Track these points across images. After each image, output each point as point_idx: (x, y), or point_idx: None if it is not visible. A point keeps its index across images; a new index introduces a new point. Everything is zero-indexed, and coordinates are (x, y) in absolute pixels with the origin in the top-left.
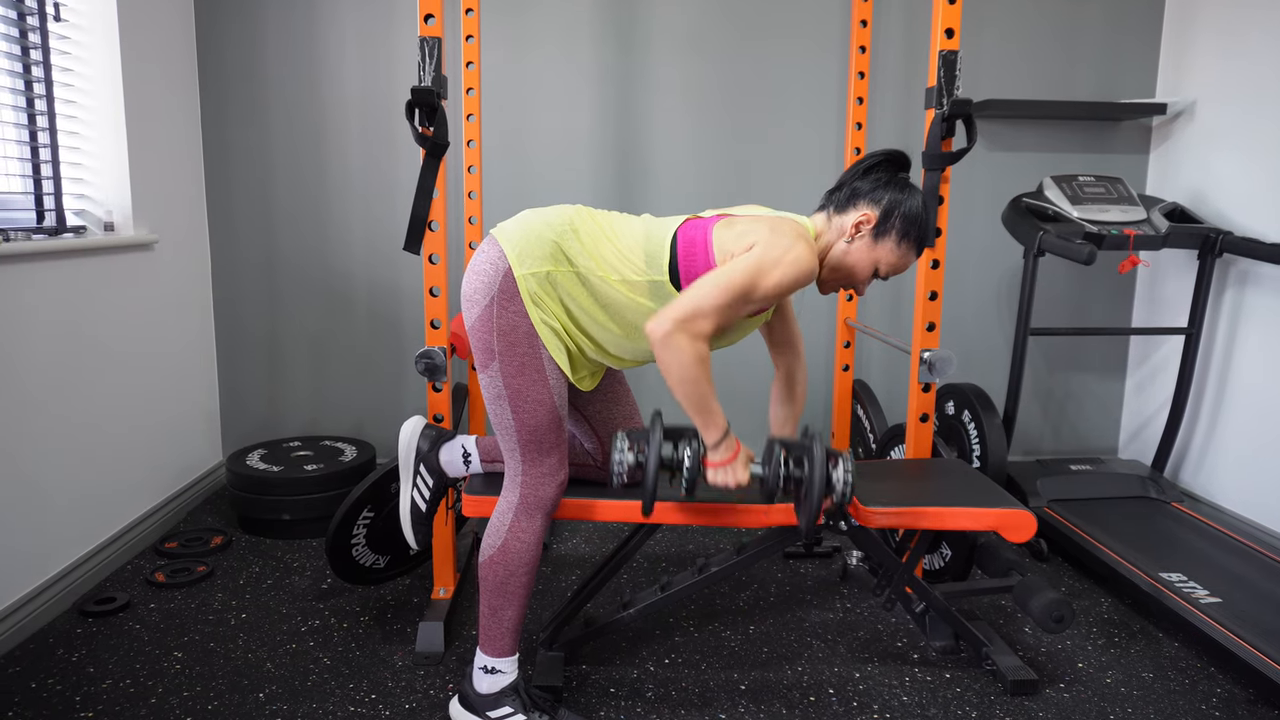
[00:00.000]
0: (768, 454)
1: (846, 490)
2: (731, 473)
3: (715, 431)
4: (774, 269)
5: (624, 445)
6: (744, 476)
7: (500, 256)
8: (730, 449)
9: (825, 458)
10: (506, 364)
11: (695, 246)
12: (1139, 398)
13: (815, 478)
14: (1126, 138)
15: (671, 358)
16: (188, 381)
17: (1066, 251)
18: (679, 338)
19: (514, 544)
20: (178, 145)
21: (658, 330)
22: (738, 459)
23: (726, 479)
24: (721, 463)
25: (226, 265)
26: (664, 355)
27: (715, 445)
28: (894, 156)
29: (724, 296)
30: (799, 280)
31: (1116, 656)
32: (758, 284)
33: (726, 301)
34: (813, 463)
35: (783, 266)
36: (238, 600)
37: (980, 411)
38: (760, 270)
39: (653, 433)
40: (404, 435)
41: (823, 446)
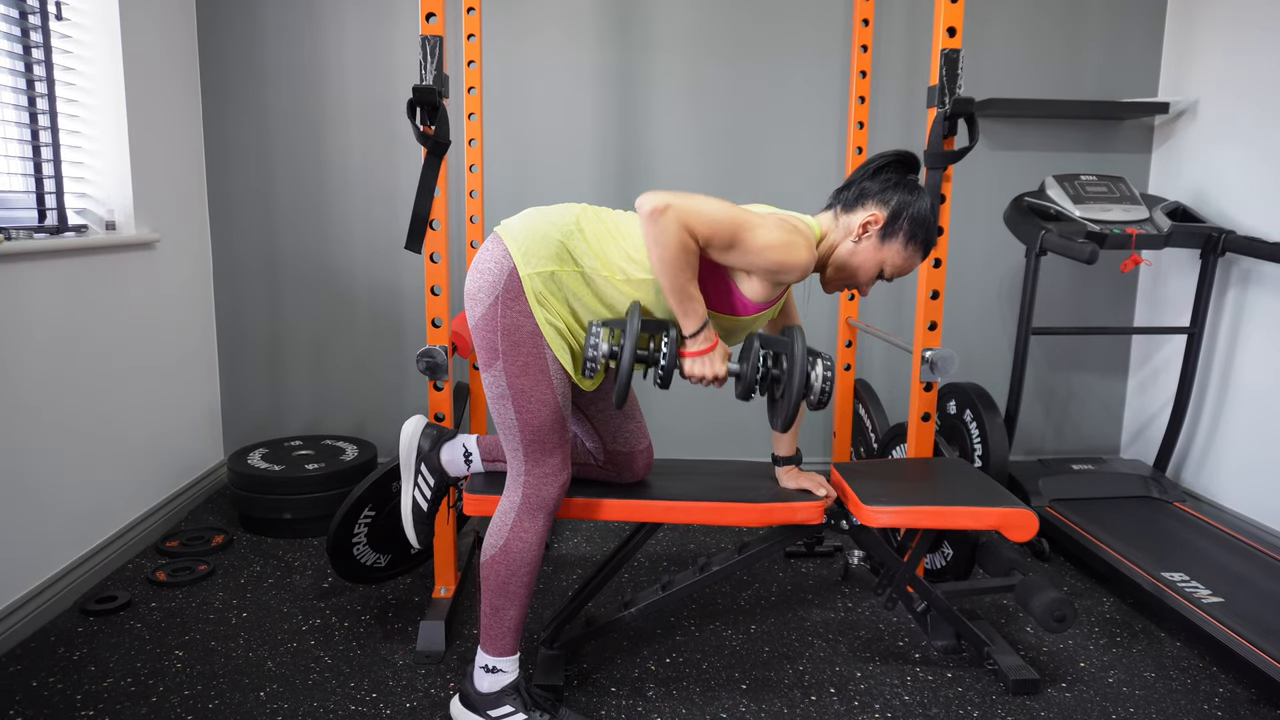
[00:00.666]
0: (746, 350)
1: (826, 388)
2: (709, 364)
3: (694, 320)
4: (767, 233)
5: (599, 334)
6: (721, 369)
7: (505, 255)
8: (709, 339)
9: (805, 355)
10: (510, 363)
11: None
12: (1141, 397)
13: (795, 375)
14: (1129, 137)
15: (660, 235)
16: (189, 380)
17: (1068, 251)
18: (670, 220)
19: (516, 544)
20: (179, 144)
21: (651, 203)
22: (716, 350)
23: (704, 370)
24: (699, 353)
25: (228, 264)
26: (652, 230)
27: (693, 334)
28: (904, 158)
29: (722, 217)
30: (785, 262)
31: (1118, 656)
32: (750, 234)
33: (722, 222)
34: (792, 360)
35: (776, 239)
36: (239, 599)
37: (982, 411)
38: (757, 225)
39: (630, 320)
40: (405, 434)
41: (804, 344)
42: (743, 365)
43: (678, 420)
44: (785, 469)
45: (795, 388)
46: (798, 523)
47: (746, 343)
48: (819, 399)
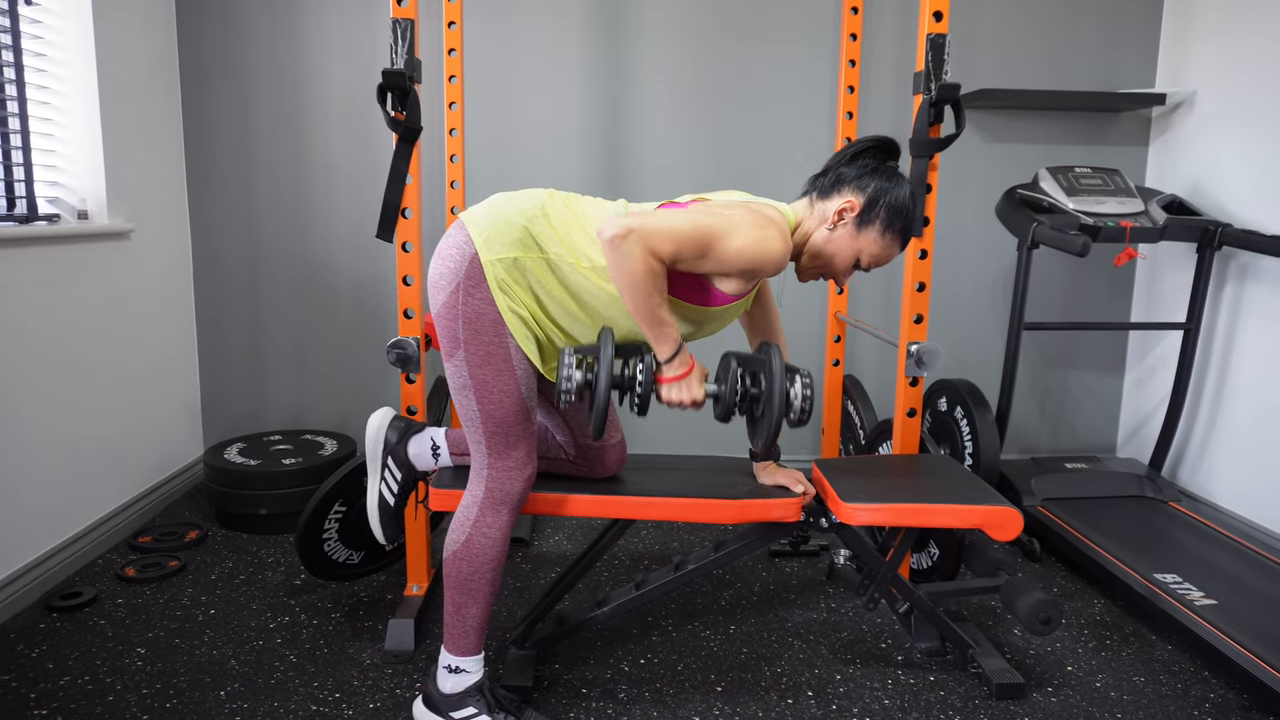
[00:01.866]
0: (723, 370)
1: (806, 407)
2: (686, 389)
3: (668, 345)
4: (737, 237)
5: (571, 362)
6: (699, 393)
7: (467, 241)
8: (684, 364)
9: (784, 372)
10: (472, 353)
11: None
12: (1138, 394)
13: (774, 393)
14: (1125, 129)
15: (623, 262)
16: (168, 374)
17: (1060, 243)
18: (633, 245)
19: (479, 539)
20: (156, 133)
21: (611, 230)
22: (692, 375)
23: (681, 396)
24: (675, 378)
25: (208, 257)
26: (615, 258)
27: (668, 359)
28: (883, 143)
29: (688, 230)
30: (760, 260)
31: (1107, 660)
32: (720, 242)
33: (689, 237)
34: (771, 378)
35: (749, 239)
36: (207, 596)
37: (973, 408)
38: (728, 230)
39: (603, 347)
40: (371, 427)
41: (781, 361)
42: (720, 387)
43: (652, 415)
44: (763, 465)
45: (775, 406)
46: (774, 520)
47: (723, 363)
48: (799, 416)
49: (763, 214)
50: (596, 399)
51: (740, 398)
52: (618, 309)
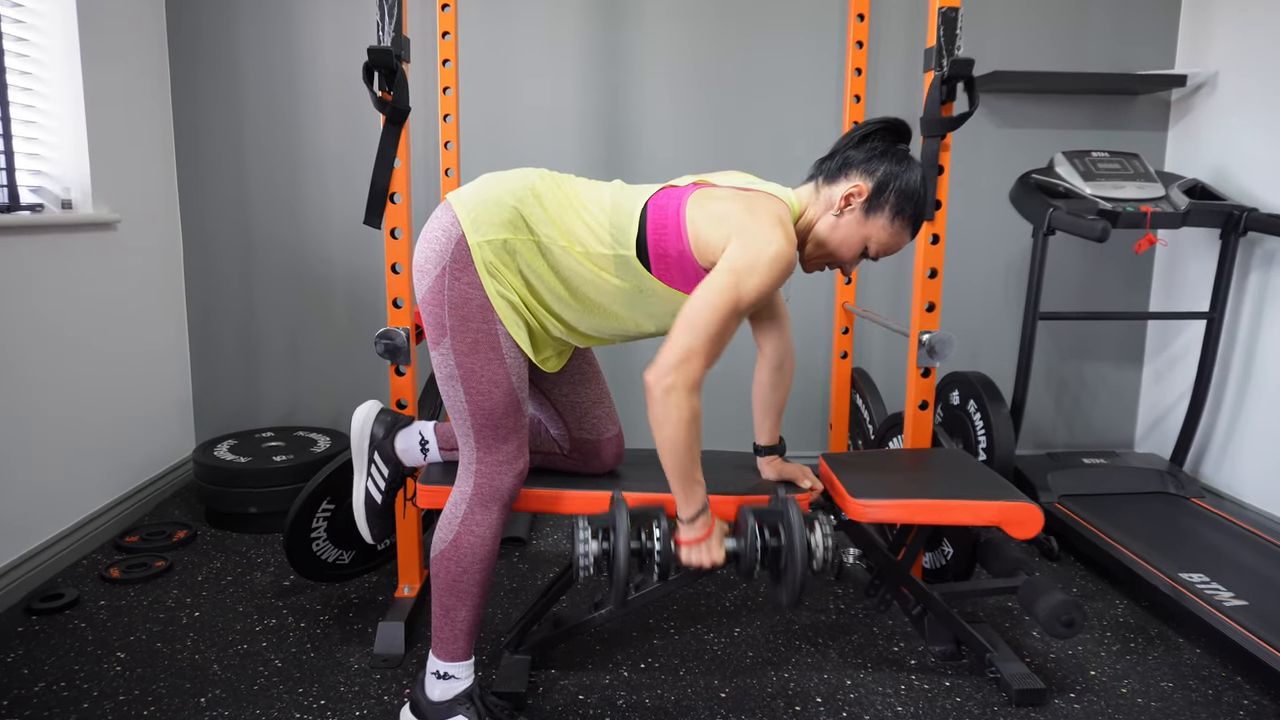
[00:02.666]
0: (740, 525)
1: (829, 556)
2: (706, 551)
3: (693, 505)
4: (751, 275)
5: (587, 534)
6: (719, 554)
7: (453, 222)
8: (706, 523)
9: (803, 523)
10: (458, 340)
11: (666, 220)
12: (1157, 387)
13: (795, 545)
14: (1143, 113)
15: (667, 415)
16: (158, 368)
17: (1078, 228)
18: (677, 394)
19: (467, 538)
20: (144, 121)
21: (660, 382)
22: (712, 536)
23: (701, 558)
24: (695, 540)
25: (199, 248)
26: (660, 411)
27: (690, 520)
28: (893, 125)
29: (714, 325)
30: (781, 278)
31: (1133, 664)
32: (741, 297)
33: (717, 330)
34: (790, 530)
35: (761, 269)
36: (193, 597)
37: (986, 401)
38: (739, 282)
39: (617, 518)
40: (356, 421)
41: (799, 511)
42: (740, 543)
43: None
44: (768, 459)
45: (798, 558)
46: None
47: (740, 518)
48: (824, 567)
49: (765, 218)
50: (615, 575)
51: (761, 553)
52: (610, 296)
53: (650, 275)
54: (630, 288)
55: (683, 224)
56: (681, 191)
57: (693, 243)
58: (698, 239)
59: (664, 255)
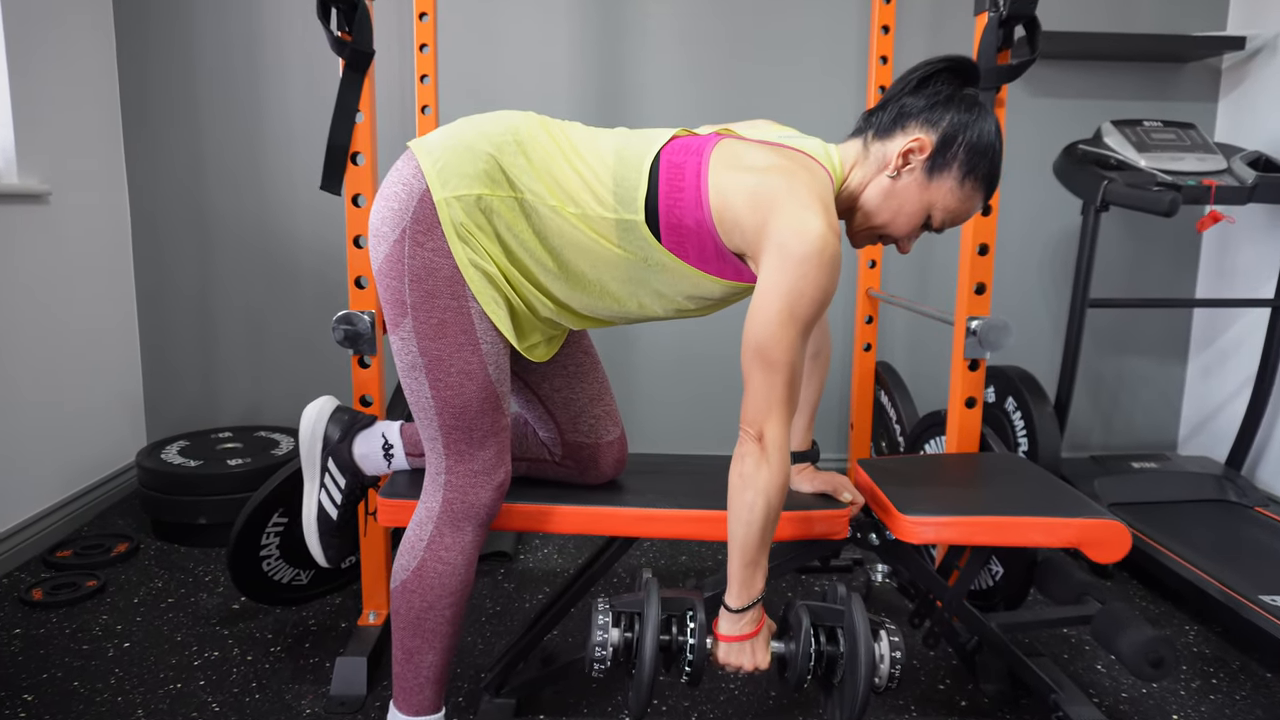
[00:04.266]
0: (792, 626)
1: (895, 672)
2: (750, 653)
3: (749, 594)
4: (804, 291)
5: (607, 619)
6: (764, 659)
7: (416, 175)
8: (755, 621)
9: (868, 630)
10: (422, 321)
11: (684, 181)
12: (1204, 384)
13: (859, 658)
14: (1191, 81)
15: (756, 480)
16: (102, 360)
17: (1140, 202)
18: (767, 464)
19: (434, 566)
20: (82, 84)
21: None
22: (760, 634)
23: (742, 661)
24: (740, 637)
25: (150, 225)
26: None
27: (740, 611)
28: (958, 64)
29: (787, 369)
30: (834, 280)
31: (1219, 705)
32: (801, 321)
33: (793, 371)
34: (854, 638)
35: (812, 280)
36: (124, 624)
37: (1029, 399)
38: (795, 305)
39: (647, 606)
40: (306, 421)
41: (864, 614)
42: (789, 646)
43: (660, 406)
44: (799, 468)
45: (861, 674)
46: (814, 537)
47: (794, 618)
48: (886, 684)
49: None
50: (639, 676)
51: (815, 662)
52: (609, 269)
53: (660, 246)
54: (635, 259)
55: (704, 190)
56: (703, 144)
57: (716, 216)
58: (723, 214)
59: (678, 225)
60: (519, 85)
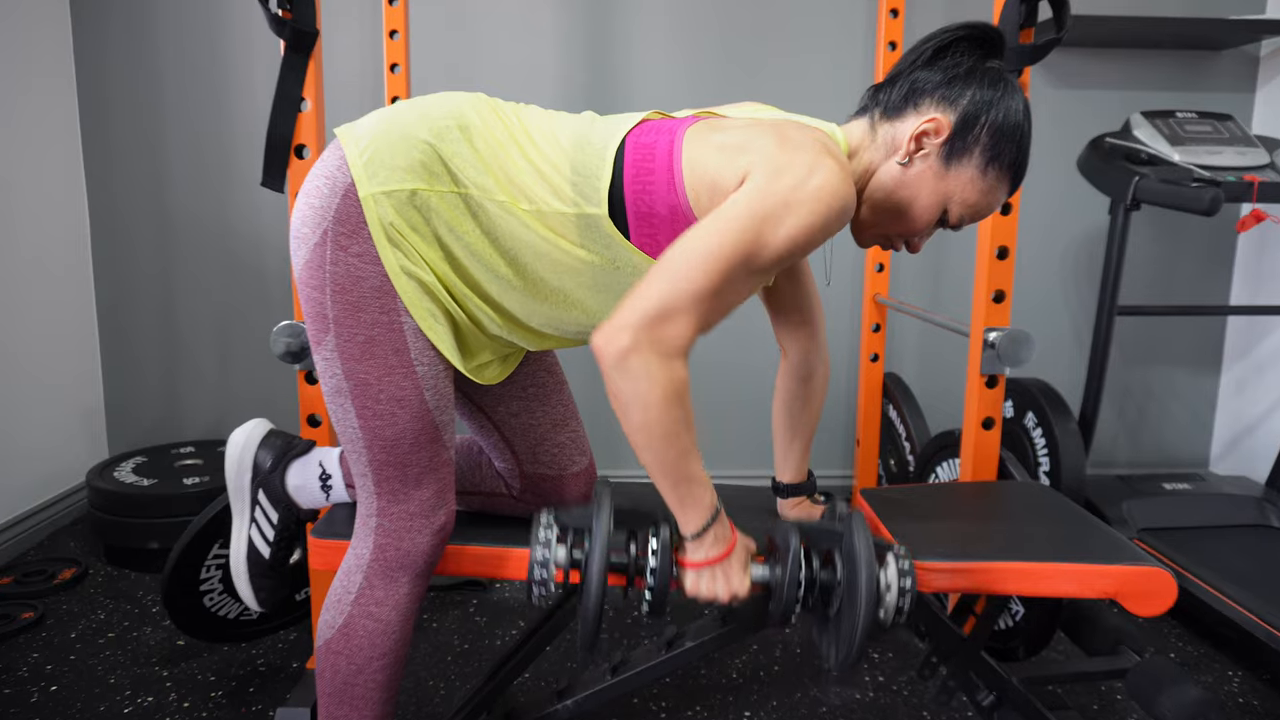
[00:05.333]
0: (780, 546)
1: (905, 603)
2: (724, 578)
3: (698, 512)
4: (786, 213)
5: (550, 534)
6: (742, 584)
7: (340, 166)
8: (722, 541)
9: (872, 553)
10: (345, 339)
11: (653, 163)
12: (1239, 397)
13: (859, 586)
14: (1227, 69)
15: (630, 390)
16: (57, 370)
17: (1177, 200)
18: (642, 358)
19: (363, 623)
20: (31, 70)
21: (610, 345)
22: (733, 557)
23: (715, 588)
24: (708, 562)
25: (109, 225)
26: (619, 385)
27: (698, 534)
28: (979, 32)
29: (712, 275)
30: (830, 223)
31: None
32: (762, 243)
33: (715, 283)
34: (854, 560)
35: (801, 207)
36: (55, 663)
37: (1051, 414)
38: (761, 222)
39: (597, 516)
40: (233, 447)
41: (867, 534)
42: (774, 573)
43: None
44: (793, 502)
45: (861, 605)
46: None
47: (779, 537)
48: (893, 617)
49: (805, 144)
50: (587, 604)
51: (806, 589)
52: (573, 275)
53: (628, 244)
54: (601, 262)
55: (677, 167)
56: (676, 124)
57: (690, 192)
58: (698, 183)
59: (648, 214)
60: (500, 77)
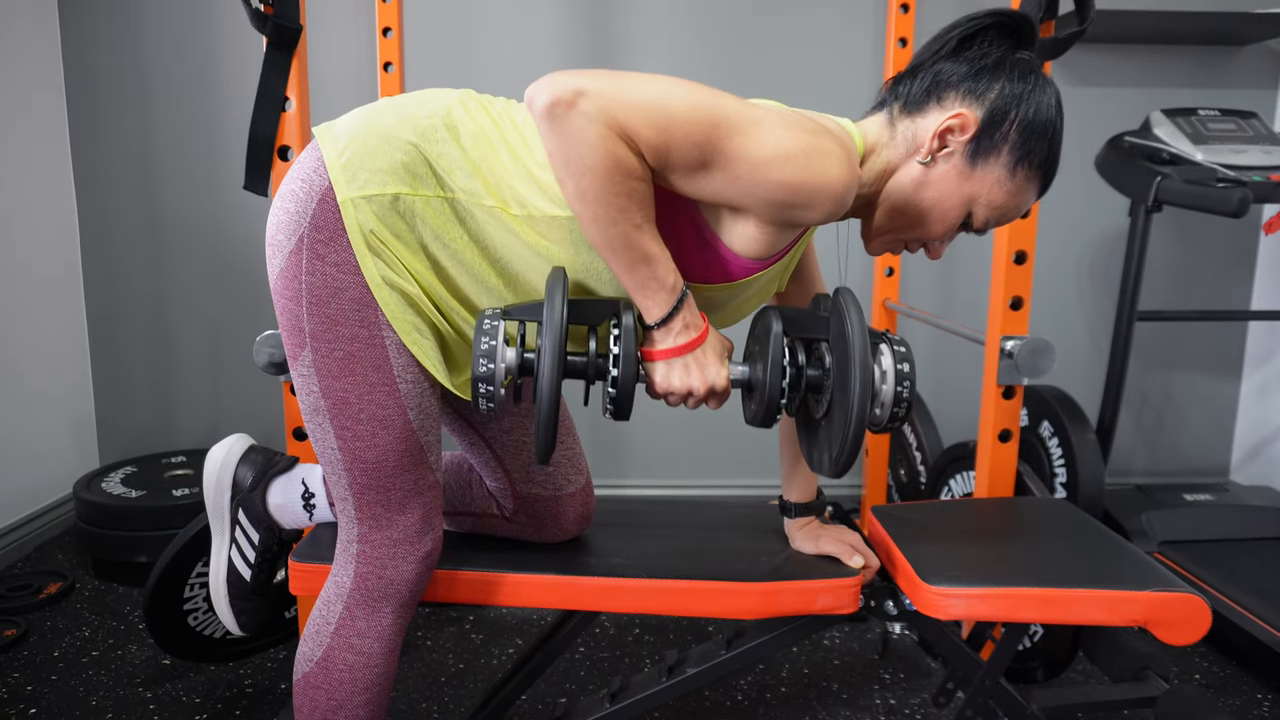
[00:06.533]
0: (760, 337)
1: (904, 394)
2: (697, 369)
3: (662, 296)
4: (765, 139)
5: (496, 330)
6: (718, 376)
7: (318, 168)
8: (692, 327)
9: (866, 341)
10: (323, 355)
11: None
12: (1261, 403)
13: (852, 377)
14: (1249, 66)
15: (571, 147)
16: (46, 377)
17: (1202, 201)
18: (586, 117)
19: (344, 656)
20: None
21: (548, 93)
22: (706, 345)
23: (689, 381)
24: (676, 350)
25: (100, 232)
26: (558, 138)
27: (664, 320)
28: (1008, 20)
29: (680, 108)
30: (806, 185)
31: None
32: (739, 143)
33: (682, 117)
34: (847, 348)
35: (785, 145)
36: (36, 683)
37: (1067, 423)
38: (749, 129)
39: (550, 303)
40: (211, 464)
41: (861, 319)
42: (754, 367)
43: (654, 428)
44: (800, 522)
45: (854, 397)
46: (817, 613)
47: (760, 325)
48: (893, 413)
49: (815, 123)
50: (541, 396)
51: (791, 385)
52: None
53: None
54: (597, 271)
55: None
56: None
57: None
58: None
59: None
60: (498, 74)
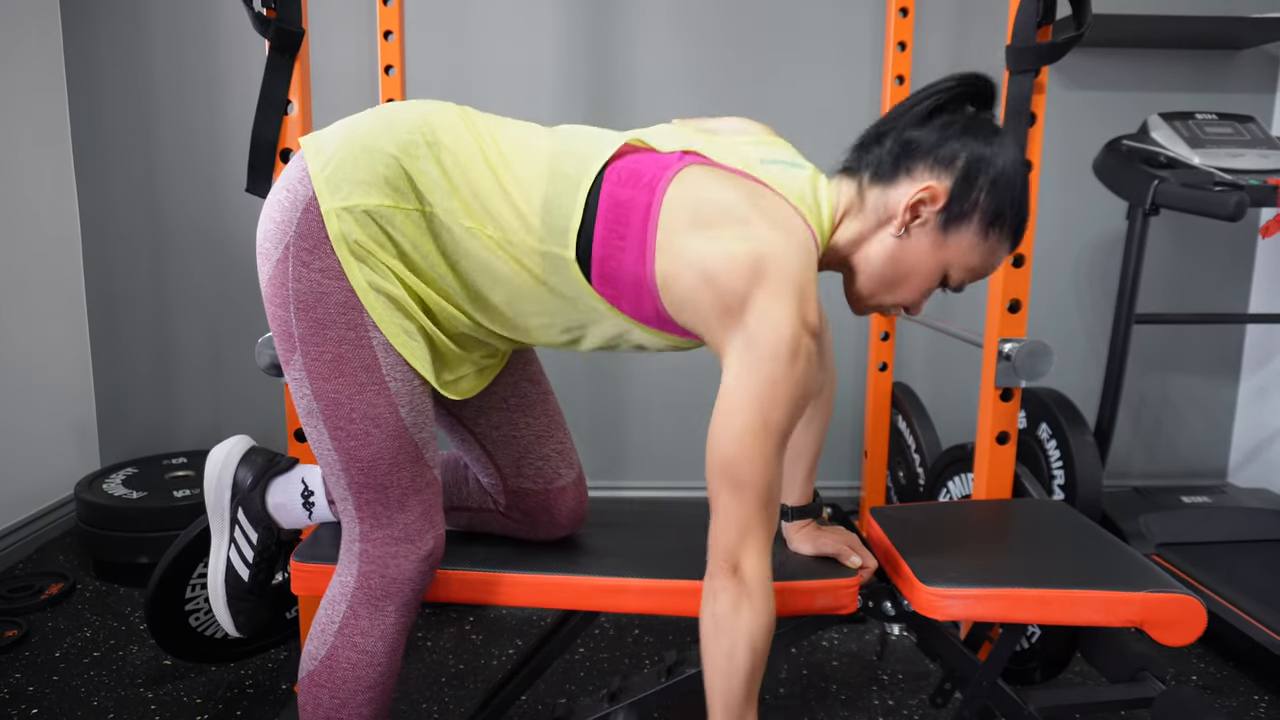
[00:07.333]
0: None
1: None
2: None
3: None
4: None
5: None
6: None
7: (302, 178)
8: None
9: None
10: (313, 358)
11: (628, 225)
12: (1259, 406)
13: None
14: (1246, 70)
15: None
16: (50, 379)
17: (1199, 204)
18: (757, 598)
19: (348, 655)
20: (23, 75)
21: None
22: None
23: None
24: None
25: (101, 232)
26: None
27: None
28: (970, 85)
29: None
30: (813, 378)
31: None
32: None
33: (769, 480)
34: None
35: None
36: (37, 684)
37: (1065, 426)
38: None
39: None
40: (212, 465)
41: None
42: None
43: (650, 430)
44: (798, 525)
45: None
46: (814, 613)
47: None
48: None
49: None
50: None
51: None
52: (530, 305)
53: (592, 291)
54: (562, 299)
55: (650, 246)
56: (657, 174)
57: (661, 285)
58: (670, 285)
59: (613, 276)
60: (499, 79)
